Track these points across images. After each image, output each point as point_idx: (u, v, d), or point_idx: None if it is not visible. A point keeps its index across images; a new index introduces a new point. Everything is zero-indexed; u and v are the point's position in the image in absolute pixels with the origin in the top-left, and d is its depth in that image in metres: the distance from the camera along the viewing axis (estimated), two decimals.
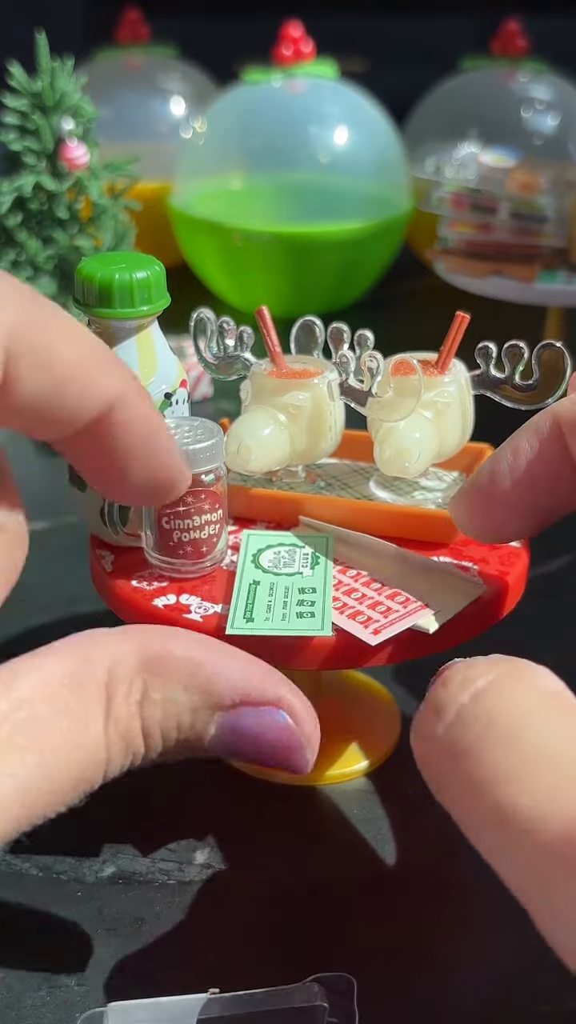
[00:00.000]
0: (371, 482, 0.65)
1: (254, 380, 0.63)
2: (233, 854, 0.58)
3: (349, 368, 0.61)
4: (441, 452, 0.62)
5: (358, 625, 0.53)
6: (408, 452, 0.59)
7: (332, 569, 0.57)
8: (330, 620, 0.53)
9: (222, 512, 0.58)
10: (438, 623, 0.54)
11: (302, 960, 0.52)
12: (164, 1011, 0.47)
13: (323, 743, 0.66)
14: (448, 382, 0.61)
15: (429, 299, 1.39)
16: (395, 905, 0.54)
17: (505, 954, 0.52)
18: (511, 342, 0.61)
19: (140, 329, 0.59)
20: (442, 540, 0.60)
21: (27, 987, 0.51)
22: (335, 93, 1.34)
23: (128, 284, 0.57)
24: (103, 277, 0.57)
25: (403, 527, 0.61)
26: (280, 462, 0.62)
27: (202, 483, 0.56)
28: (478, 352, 0.61)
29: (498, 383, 0.62)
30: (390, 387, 0.60)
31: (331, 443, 0.63)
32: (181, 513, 0.56)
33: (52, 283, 1.07)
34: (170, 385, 0.60)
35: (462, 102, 1.47)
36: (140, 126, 1.50)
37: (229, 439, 0.61)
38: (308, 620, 0.53)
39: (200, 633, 0.45)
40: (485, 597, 0.57)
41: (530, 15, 1.63)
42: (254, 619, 0.53)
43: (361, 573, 0.58)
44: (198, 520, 0.56)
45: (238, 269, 1.30)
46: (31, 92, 1.03)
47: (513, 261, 1.09)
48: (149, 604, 0.56)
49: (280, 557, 0.58)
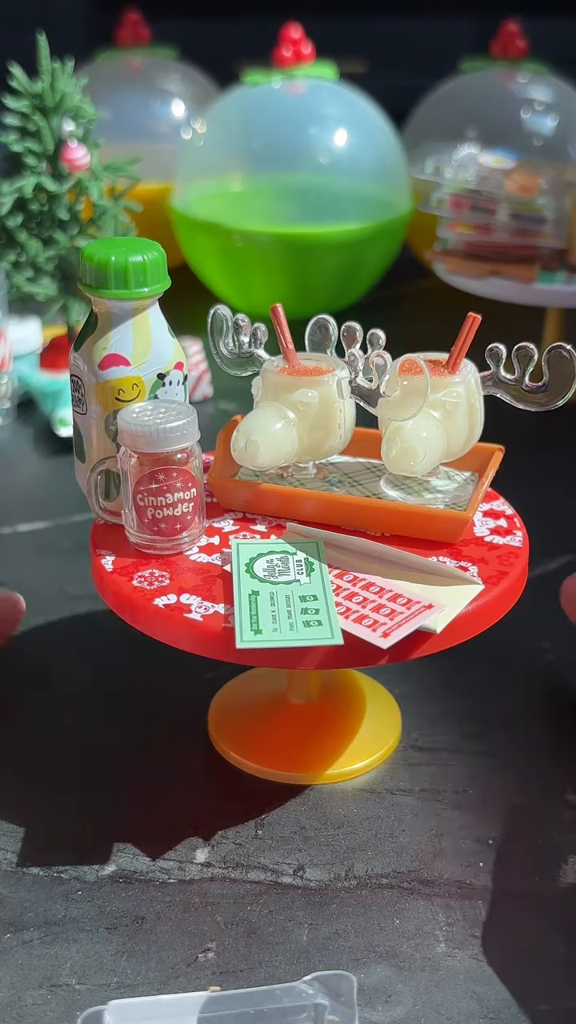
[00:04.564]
0: (382, 480, 0.65)
1: (265, 377, 0.63)
2: (233, 854, 0.58)
3: (358, 366, 0.62)
4: (449, 452, 0.63)
5: (366, 629, 0.53)
6: (414, 451, 0.60)
7: (329, 574, 0.58)
8: (339, 627, 0.53)
9: (196, 491, 0.60)
10: (444, 623, 0.54)
11: (302, 959, 0.52)
12: (164, 1009, 0.48)
13: (323, 742, 0.66)
14: (457, 382, 0.62)
15: (429, 300, 1.39)
16: (395, 905, 0.54)
17: (504, 953, 0.53)
18: (521, 344, 0.61)
19: (138, 311, 0.60)
20: (447, 540, 0.61)
21: (28, 985, 0.51)
22: (335, 95, 1.34)
23: (124, 266, 0.59)
24: (101, 259, 0.59)
25: (408, 526, 0.61)
26: (288, 458, 0.62)
27: (173, 461, 0.58)
28: (488, 353, 0.62)
29: (508, 384, 0.62)
30: (398, 386, 0.61)
31: (340, 440, 0.63)
32: (154, 491, 0.58)
33: (52, 284, 1.08)
34: (164, 366, 0.61)
35: (461, 103, 1.47)
36: (140, 127, 1.50)
37: (237, 435, 0.61)
38: (317, 628, 0.53)
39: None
40: (486, 596, 0.57)
41: (529, 17, 1.64)
42: (262, 631, 0.53)
43: (358, 576, 0.58)
44: (171, 498, 0.58)
45: (238, 270, 1.30)
46: (32, 93, 1.03)
47: (512, 262, 1.09)
48: (150, 604, 0.56)
49: (274, 565, 0.58)
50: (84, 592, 0.80)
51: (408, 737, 0.66)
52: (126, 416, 0.58)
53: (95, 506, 0.62)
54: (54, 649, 0.75)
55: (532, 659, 0.73)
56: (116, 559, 0.59)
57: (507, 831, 0.59)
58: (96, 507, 0.62)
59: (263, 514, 0.63)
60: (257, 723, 0.64)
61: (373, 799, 0.61)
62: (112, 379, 0.60)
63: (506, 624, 0.65)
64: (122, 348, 0.60)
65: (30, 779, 0.64)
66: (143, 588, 0.57)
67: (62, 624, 0.77)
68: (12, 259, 1.06)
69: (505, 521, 0.63)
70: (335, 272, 1.29)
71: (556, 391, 0.60)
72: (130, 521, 0.59)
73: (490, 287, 1.09)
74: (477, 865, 0.57)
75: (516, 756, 0.65)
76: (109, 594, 0.58)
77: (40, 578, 0.82)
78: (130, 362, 0.60)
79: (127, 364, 0.60)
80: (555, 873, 0.57)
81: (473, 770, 0.64)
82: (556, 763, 0.64)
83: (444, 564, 0.58)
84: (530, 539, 0.63)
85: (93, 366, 0.60)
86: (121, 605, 0.57)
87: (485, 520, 0.63)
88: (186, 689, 0.65)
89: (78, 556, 0.84)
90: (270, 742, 0.63)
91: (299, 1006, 0.47)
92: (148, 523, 0.59)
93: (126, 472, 0.58)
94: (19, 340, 1.12)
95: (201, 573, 0.58)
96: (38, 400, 1.10)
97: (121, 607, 0.58)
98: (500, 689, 0.71)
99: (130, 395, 0.60)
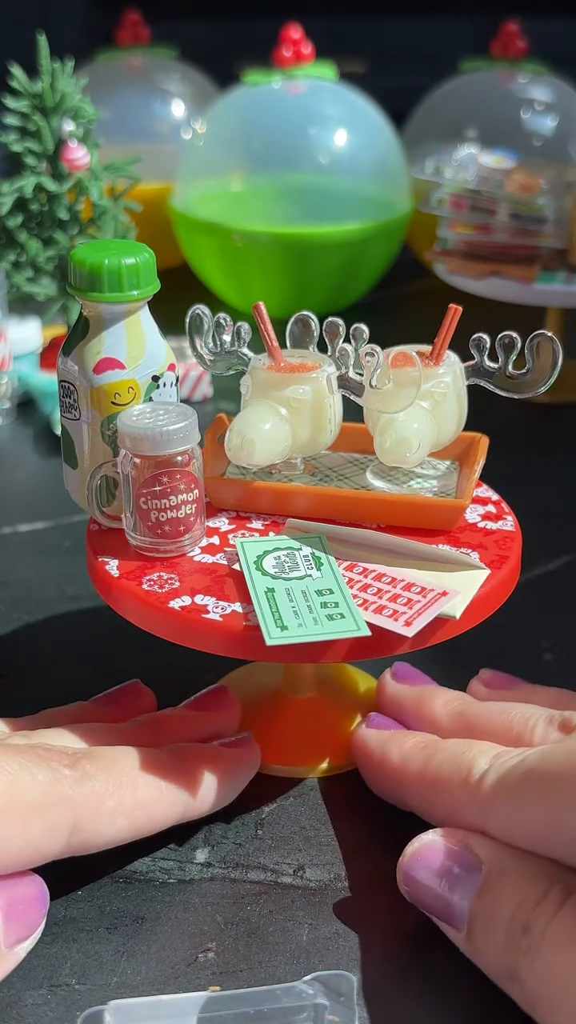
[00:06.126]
0: (368, 472, 0.65)
1: (254, 375, 0.63)
2: (233, 854, 0.58)
3: (348, 361, 0.62)
4: (439, 441, 0.63)
5: (388, 619, 0.54)
6: (408, 442, 0.60)
7: (338, 567, 0.58)
8: (362, 619, 0.54)
9: (198, 492, 0.60)
10: (462, 608, 0.55)
11: (302, 959, 0.52)
12: (164, 1009, 0.48)
13: (319, 736, 0.67)
14: (443, 373, 0.62)
15: (429, 300, 1.39)
16: (395, 905, 0.54)
17: None
18: (504, 333, 0.62)
19: (130, 313, 0.60)
20: (443, 528, 0.61)
21: (28, 985, 0.51)
22: (335, 95, 1.34)
23: (117, 269, 0.59)
24: (93, 262, 0.59)
25: (405, 516, 0.62)
26: (282, 455, 0.62)
27: (176, 463, 0.58)
28: (472, 343, 0.63)
29: (492, 373, 0.63)
30: (389, 379, 0.61)
31: (331, 435, 0.64)
32: (157, 493, 0.58)
33: (52, 284, 1.08)
34: (158, 368, 0.61)
35: (461, 103, 1.47)
36: (140, 127, 1.50)
37: (231, 434, 0.61)
38: (341, 622, 0.54)
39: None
40: (493, 579, 0.58)
41: (529, 17, 1.64)
42: (287, 627, 0.53)
43: (367, 568, 0.58)
44: (174, 500, 0.58)
45: (238, 270, 1.30)
46: (32, 93, 1.03)
47: (512, 262, 1.09)
48: (165, 607, 0.56)
49: (282, 562, 0.58)
50: (84, 592, 0.80)
51: None
52: (126, 419, 0.58)
53: (95, 511, 0.61)
54: (54, 649, 0.75)
55: (532, 659, 0.74)
56: (120, 563, 0.59)
57: None
58: (96, 512, 0.61)
59: (256, 512, 0.63)
60: (254, 718, 0.64)
61: (373, 799, 0.61)
62: (107, 383, 0.59)
63: (506, 624, 0.66)
64: (116, 352, 0.60)
65: None
66: (155, 592, 0.57)
67: (62, 624, 0.77)
68: (12, 259, 1.06)
69: (493, 507, 0.64)
70: (335, 272, 1.29)
71: (539, 377, 0.61)
72: (131, 524, 0.59)
73: (490, 287, 1.09)
74: None
75: None
76: (117, 599, 0.58)
77: (40, 578, 0.82)
78: (125, 365, 0.60)
79: (122, 368, 0.60)
80: None
81: None
82: None
83: (451, 550, 0.59)
84: (530, 539, 0.63)
85: (87, 371, 0.59)
86: (132, 610, 0.57)
87: (474, 506, 0.64)
88: (185, 688, 0.65)
89: (78, 556, 0.84)
90: (267, 737, 0.63)
91: (299, 1006, 0.47)
92: (151, 526, 0.58)
93: (127, 476, 0.58)
94: (19, 340, 1.12)
95: (209, 573, 0.58)
96: (38, 400, 1.10)
97: (132, 612, 0.57)
98: None
99: (126, 399, 0.60)
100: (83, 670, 0.73)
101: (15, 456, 1.03)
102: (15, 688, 0.71)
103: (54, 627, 0.77)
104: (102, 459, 0.61)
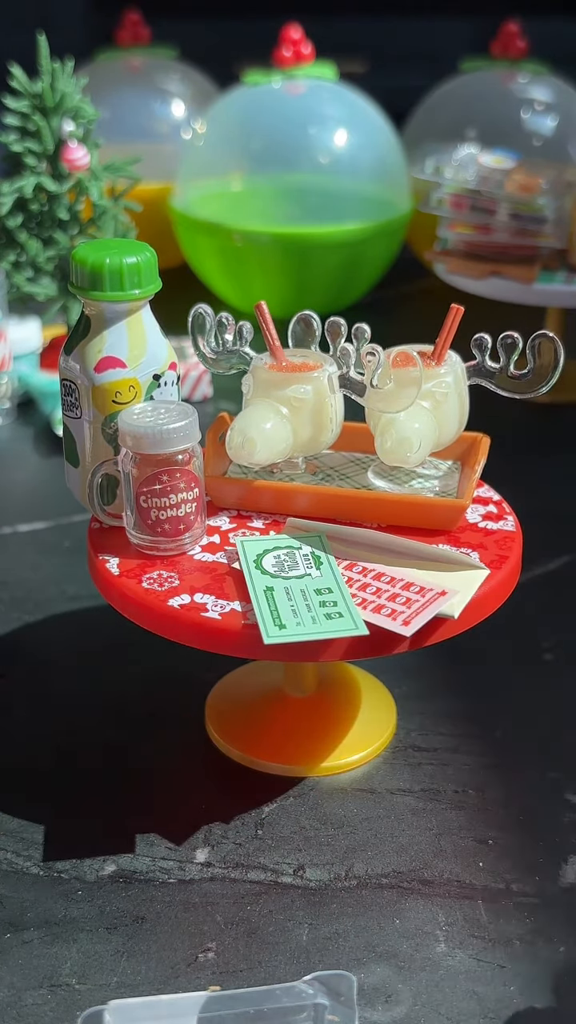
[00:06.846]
0: (369, 472, 0.66)
1: (256, 374, 0.63)
2: (233, 854, 0.58)
3: (350, 361, 0.62)
4: (440, 441, 0.63)
5: (386, 619, 0.54)
6: (409, 442, 0.61)
7: (338, 567, 0.58)
8: (360, 618, 0.54)
9: (198, 491, 0.60)
10: (460, 608, 0.55)
11: (302, 959, 0.52)
12: (164, 1009, 0.48)
13: (320, 734, 0.67)
14: (445, 373, 0.62)
15: (429, 300, 1.39)
16: (395, 905, 0.54)
17: (504, 953, 0.53)
18: (505, 333, 0.62)
19: (131, 312, 0.61)
20: (444, 528, 0.61)
21: (28, 985, 0.51)
22: (335, 95, 1.34)
23: (119, 268, 0.59)
24: (94, 262, 0.59)
25: (406, 516, 0.62)
26: (283, 454, 0.63)
27: (176, 462, 0.58)
28: (474, 343, 0.63)
29: (493, 373, 0.63)
30: (390, 379, 0.61)
31: (332, 435, 0.64)
32: (157, 491, 0.58)
33: (52, 284, 1.08)
34: (159, 367, 0.62)
35: (461, 104, 1.47)
36: (140, 127, 1.50)
37: (233, 433, 0.61)
38: (339, 621, 0.54)
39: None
40: (493, 579, 0.58)
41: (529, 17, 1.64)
42: (286, 626, 0.54)
43: (367, 567, 0.58)
44: (174, 499, 0.58)
45: (238, 270, 1.30)
46: (32, 93, 1.03)
47: (512, 262, 1.09)
48: (164, 605, 0.56)
49: (282, 561, 0.58)
50: (84, 592, 0.80)
51: (408, 737, 0.66)
52: (127, 418, 0.58)
53: (96, 509, 0.61)
54: (54, 649, 0.75)
55: (532, 659, 0.74)
56: (120, 562, 0.59)
57: (507, 831, 0.59)
58: (97, 510, 0.61)
59: (257, 511, 0.63)
60: (254, 717, 0.64)
61: (373, 799, 0.61)
62: (109, 382, 0.59)
63: (506, 624, 0.66)
64: (118, 350, 0.60)
65: (30, 779, 0.64)
66: (154, 590, 0.57)
67: (62, 624, 0.77)
68: (12, 259, 1.06)
69: (494, 507, 0.64)
70: (335, 272, 1.29)
71: (540, 378, 0.61)
72: (132, 523, 0.59)
73: (490, 287, 1.09)
74: (477, 865, 0.57)
75: (516, 756, 0.65)
76: (118, 597, 0.58)
77: (40, 578, 0.82)
78: (126, 364, 0.60)
79: (123, 366, 0.60)
80: (555, 873, 0.57)
81: (473, 770, 0.64)
82: (556, 763, 0.64)
83: (451, 550, 0.59)
84: (530, 539, 0.63)
85: (88, 369, 0.60)
86: (132, 608, 0.57)
87: (475, 507, 0.64)
88: (185, 687, 0.65)
89: (78, 556, 0.84)
90: (268, 736, 0.63)
91: (299, 1006, 0.47)
92: (151, 524, 0.59)
93: (128, 474, 0.58)
94: (19, 340, 1.12)
95: (208, 572, 0.58)
96: (38, 400, 1.10)
97: (132, 610, 0.57)
98: (500, 689, 0.71)
99: (127, 397, 0.60)
100: (83, 670, 0.73)
101: (15, 456, 1.03)
102: (15, 688, 0.71)
103: (54, 627, 0.77)
104: (103, 457, 0.61)
